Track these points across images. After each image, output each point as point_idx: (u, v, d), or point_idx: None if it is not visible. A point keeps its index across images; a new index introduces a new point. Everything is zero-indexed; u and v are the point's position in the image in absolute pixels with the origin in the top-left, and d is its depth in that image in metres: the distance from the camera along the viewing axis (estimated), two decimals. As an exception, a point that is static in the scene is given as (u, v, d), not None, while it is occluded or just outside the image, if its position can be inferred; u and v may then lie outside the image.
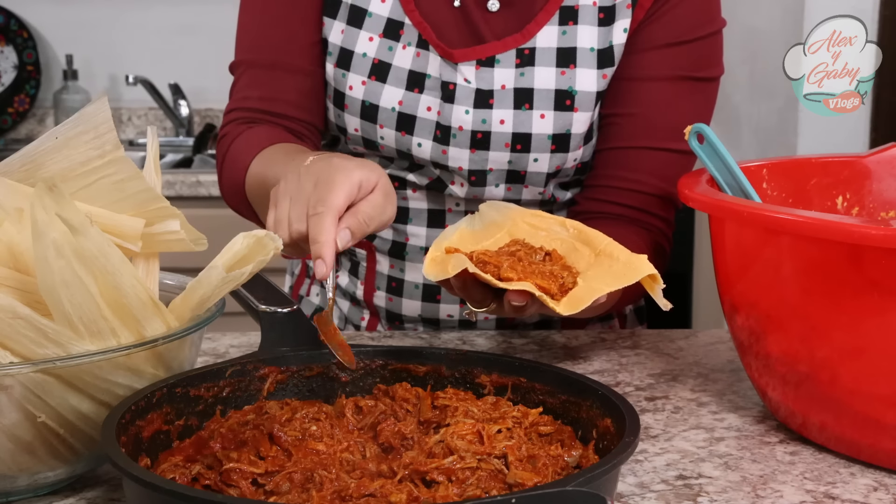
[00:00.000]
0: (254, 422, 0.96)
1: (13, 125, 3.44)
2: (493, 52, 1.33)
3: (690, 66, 1.35)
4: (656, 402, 1.17)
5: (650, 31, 1.34)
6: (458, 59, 1.32)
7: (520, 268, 1.03)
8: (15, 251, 0.93)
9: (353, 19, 1.35)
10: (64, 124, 1.00)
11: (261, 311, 1.09)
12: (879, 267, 0.93)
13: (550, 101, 1.32)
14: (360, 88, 1.35)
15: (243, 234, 0.94)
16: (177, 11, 3.40)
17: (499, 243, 1.11)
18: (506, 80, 1.33)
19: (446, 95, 1.33)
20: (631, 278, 1.04)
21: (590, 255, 1.09)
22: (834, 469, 1.01)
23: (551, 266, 1.06)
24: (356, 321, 1.49)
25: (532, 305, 1.04)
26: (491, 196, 1.37)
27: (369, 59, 1.34)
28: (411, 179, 1.39)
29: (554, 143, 1.33)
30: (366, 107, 1.35)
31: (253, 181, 1.30)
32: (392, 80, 1.34)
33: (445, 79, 1.33)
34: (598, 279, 1.04)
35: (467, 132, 1.33)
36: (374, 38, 1.34)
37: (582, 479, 0.78)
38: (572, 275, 1.05)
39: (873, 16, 2.37)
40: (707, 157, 1.15)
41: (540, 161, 1.34)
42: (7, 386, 0.88)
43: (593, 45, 1.32)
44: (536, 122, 1.33)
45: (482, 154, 1.34)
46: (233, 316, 1.17)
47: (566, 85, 1.32)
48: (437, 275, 1.06)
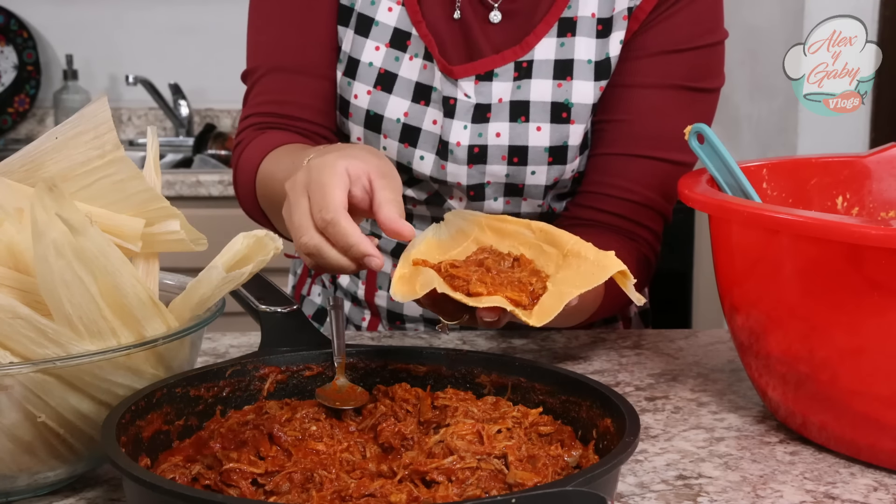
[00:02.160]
0: (254, 422, 0.96)
1: (13, 125, 3.44)
2: (491, 67, 1.32)
3: (685, 75, 1.33)
4: (656, 402, 1.17)
5: (644, 39, 1.33)
6: (458, 76, 1.32)
7: (489, 279, 1.01)
8: (15, 251, 0.93)
9: (361, 28, 1.34)
10: (64, 124, 1.00)
11: (261, 311, 1.09)
12: (879, 267, 0.93)
13: (547, 114, 1.32)
14: (365, 98, 1.34)
15: (243, 234, 0.94)
16: (177, 11, 3.40)
17: (466, 252, 1.09)
18: (503, 93, 1.32)
19: (447, 111, 1.32)
20: (600, 278, 1.02)
21: (558, 256, 1.07)
22: (834, 469, 1.01)
23: (520, 273, 1.04)
24: (357, 321, 1.49)
25: (504, 318, 1.02)
26: (490, 210, 1.36)
27: (375, 69, 1.34)
28: (409, 195, 1.38)
29: (551, 155, 1.33)
30: (370, 116, 1.34)
31: (261, 185, 1.30)
32: (398, 91, 1.33)
33: (446, 94, 1.32)
34: (567, 282, 1.02)
35: (464, 148, 1.32)
36: (380, 48, 1.34)
37: (582, 479, 0.78)
38: (541, 280, 1.03)
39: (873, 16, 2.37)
40: (707, 157, 1.15)
41: (538, 174, 1.34)
42: (7, 386, 0.88)
43: (591, 56, 1.32)
44: (533, 135, 1.32)
45: (479, 168, 1.33)
46: (233, 316, 1.17)
47: (562, 97, 1.31)
48: (406, 295, 1.02)
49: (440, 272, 1.03)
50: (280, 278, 1.31)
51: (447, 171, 1.33)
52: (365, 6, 1.34)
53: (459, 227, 1.12)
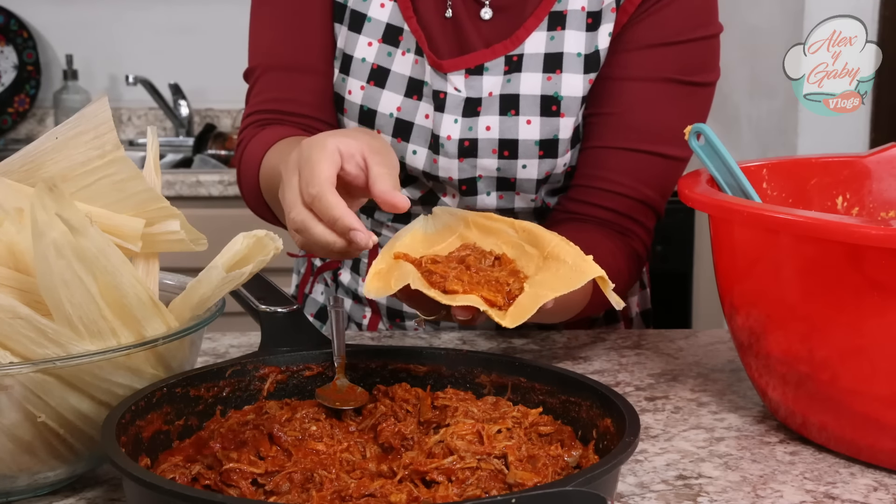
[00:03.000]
0: (254, 422, 0.96)
1: (13, 125, 3.44)
2: (481, 61, 1.32)
3: (677, 68, 1.33)
4: (656, 402, 1.17)
5: (634, 32, 1.32)
6: (448, 70, 1.32)
7: (466, 278, 1.00)
8: (15, 251, 0.93)
9: (353, 24, 1.35)
10: (64, 124, 1.00)
11: (261, 311, 1.10)
12: (879, 267, 0.93)
13: (536, 107, 1.32)
14: (358, 93, 1.35)
15: (243, 234, 0.94)
16: (177, 11, 3.40)
17: (451, 247, 1.09)
18: (493, 87, 1.32)
19: (437, 104, 1.33)
20: (577, 282, 1.01)
21: (538, 258, 1.07)
22: (834, 469, 1.01)
23: (499, 272, 1.03)
24: (358, 318, 1.49)
25: (479, 317, 1.01)
26: (483, 205, 1.37)
27: (368, 65, 1.34)
28: (403, 193, 1.37)
29: (542, 148, 1.33)
30: (364, 111, 1.35)
31: (264, 178, 1.30)
32: (391, 86, 1.34)
33: (436, 88, 1.33)
34: (544, 284, 1.02)
35: (455, 141, 1.32)
36: (373, 44, 1.35)
37: (582, 479, 0.78)
38: (519, 280, 1.02)
39: (873, 16, 2.37)
40: (707, 157, 1.15)
41: (529, 167, 1.34)
42: (7, 386, 0.88)
43: (580, 50, 1.32)
44: (523, 128, 1.32)
45: (471, 161, 1.34)
46: (233, 316, 1.17)
47: (552, 90, 1.31)
48: (379, 291, 1.01)
49: (420, 267, 1.02)
50: (281, 278, 1.31)
51: (439, 165, 1.34)
52: (357, 3, 1.35)
53: (446, 222, 1.12)
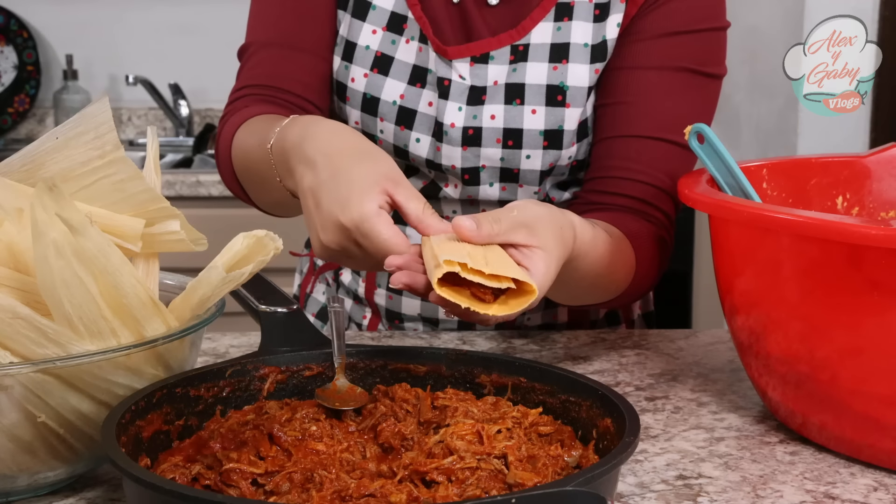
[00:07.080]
0: (254, 422, 0.96)
1: (13, 125, 3.44)
2: (487, 49, 1.33)
3: (689, 57, 1.32)
4: (656, 402, 1.17)
5: (645, 22, 1.32)
6: (453, 56, 1.32)
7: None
8: (15, 251, 0.93)
9: (358, 11, 1.35)
10: (64, 124, 1.00)
11: (261, 311, 1.10)
12: (879, 267, 0.93)
13: (542, 97, 1.32)
14: (361, 81, 1.35)
15: (243, 234, 0.94)
16: (177, 11, 3.40)
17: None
18: (499, 75, 1.33)
19: (441, 92, 1.33)
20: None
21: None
22: (834, 469, 1.01)
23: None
24: (358, 319, 1.49)
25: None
26: (486, 196, 1.36)
27: (372, 52, 1.34)
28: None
29: (546, 139, 1.33)
30: (367, 99, 1.35)
31: (236, 155, 1.29)
32: (394, 74, 1.34)
33: (441, 75, 1.33)
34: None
35: (459, 129, 1.32)
36: (377, 31, 1.35)
37: (582, 479, 0.78)
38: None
39: (873, 16, 2.37)
40: (707, 157, 1.15)
41: (532, 158, 1.34)
42: (7, 386, 0.88)
43: (587, 40, 1.32)
44: (528, 118, 1.32)
45: (474, 150, 1.33)
46: (233, 316, 1.17)
47: (558, 80, 1.32)
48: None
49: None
50: (281, 278, 1.31)
51: (442, 153, 1.34)
52: None
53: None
